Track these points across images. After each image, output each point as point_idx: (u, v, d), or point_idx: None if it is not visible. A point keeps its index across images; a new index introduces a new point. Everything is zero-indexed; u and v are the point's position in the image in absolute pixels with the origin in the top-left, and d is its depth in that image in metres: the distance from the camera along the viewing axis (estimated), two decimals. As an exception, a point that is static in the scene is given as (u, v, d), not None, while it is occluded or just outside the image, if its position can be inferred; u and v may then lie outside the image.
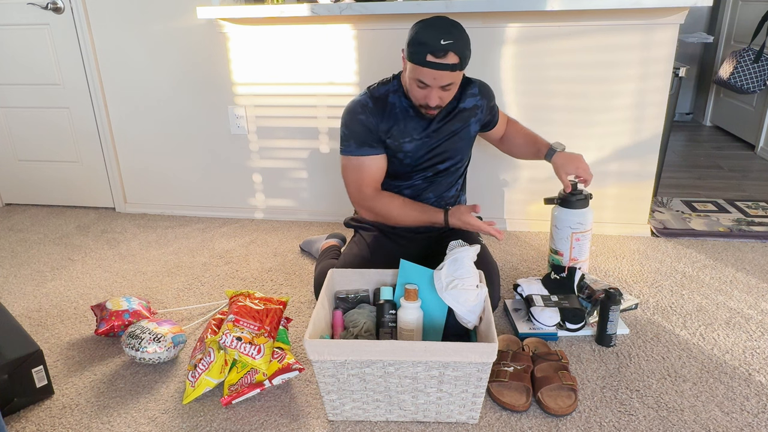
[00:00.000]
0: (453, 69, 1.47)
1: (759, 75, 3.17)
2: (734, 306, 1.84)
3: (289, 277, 2.11)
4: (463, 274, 1.40)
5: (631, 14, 2.11)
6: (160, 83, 2.57)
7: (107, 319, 1.69)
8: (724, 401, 1.40)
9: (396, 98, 1.66)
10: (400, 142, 1.67)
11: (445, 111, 1.69)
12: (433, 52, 1.44)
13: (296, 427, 1.35)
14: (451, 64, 1.46)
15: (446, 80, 1.49)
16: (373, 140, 1.66)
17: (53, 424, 1.39)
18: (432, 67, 1.46)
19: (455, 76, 1.50)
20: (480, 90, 1.75)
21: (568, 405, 1.36)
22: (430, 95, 1.52)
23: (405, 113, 1.66)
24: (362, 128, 1.64)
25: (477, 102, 1.74)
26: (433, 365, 1.25)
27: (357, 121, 1.64)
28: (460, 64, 1.48)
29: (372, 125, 1.64)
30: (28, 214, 2.85)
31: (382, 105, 1.65)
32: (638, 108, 2.25)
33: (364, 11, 2.15)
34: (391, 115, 1.65)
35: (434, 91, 1.52)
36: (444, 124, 1.70)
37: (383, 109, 1.65)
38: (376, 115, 1.64)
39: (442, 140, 1.70)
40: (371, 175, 1.70)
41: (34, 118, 2.77)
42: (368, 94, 1.67)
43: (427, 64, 1.46)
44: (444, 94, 1.54)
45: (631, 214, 2.41)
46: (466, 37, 1.49)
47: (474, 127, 1.76)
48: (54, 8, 2.53)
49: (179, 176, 2.74)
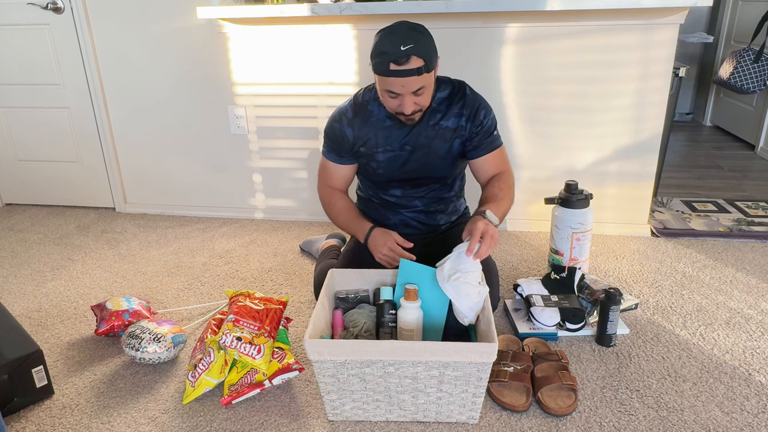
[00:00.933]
0: (419, 73, 1.42)
1: (759, 75, 3.17)
2: (734, 306, 1.84)
3: (289, 277, 2.11)
4: (467, 268, 1.39)
5: (631, 14, 2.11)
6: (160, 83, 2.58)
7: (107, 319, 1.69)
8: (724, 401, 1.40)
9: (375, 107, 1.63)
10: (373, 151, 1.65)
11: (424, 125, 1.62)
12: (395, 60, 1.40)
13: (296, 427, 1.35)
14: (416, 68, 1.41)
15: (415, 85, 1.44)
16: (342, 150, 1.68)
17: (53, 424, 1.39)
18: (397, 75, 1.41)
19: (423, 80, 1.45)
20: (471, 112, 1.62)
21: (568, 405, 1.36)
22: (403, 103, 1.48)
23: (381, 123, 1.63)
24: (334, 137, 1.67)
25: (461, 123, 1.62)
26: (433, 365, 1.25)
27: (332, 129, 1.67)
28: (426, 67, 1.43)
29: (345, 136, 1.65)
30: (28, 214, 2.85)
31: (362, 113, 1.64)
32: (638, 108, 2.25)
33: (364, 11, 2.16)
34: (368, 123, 1.64)
35: (406, 98, 1.47)
36: (420, 139, 1.63)
37: (363, 118, 1.64)
38: (354, 125, 1.64)
39: (419, 156, 1.65)
40: (331, 177, 1.76)
41: (34, 118, 2.77)
42: (352, 101, 1.66)
43: (392, 73, 1.42)
44: (418, 98, 1.49)
45: (631, 214, 2.41)
46: (429, 37, 1.45)
47: (458, 147, 1.65)
48: (54, 8, 2.53)
49: (179, 176, 2.74)
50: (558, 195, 1.95)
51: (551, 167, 2.39)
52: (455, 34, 2.24)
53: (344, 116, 1.65)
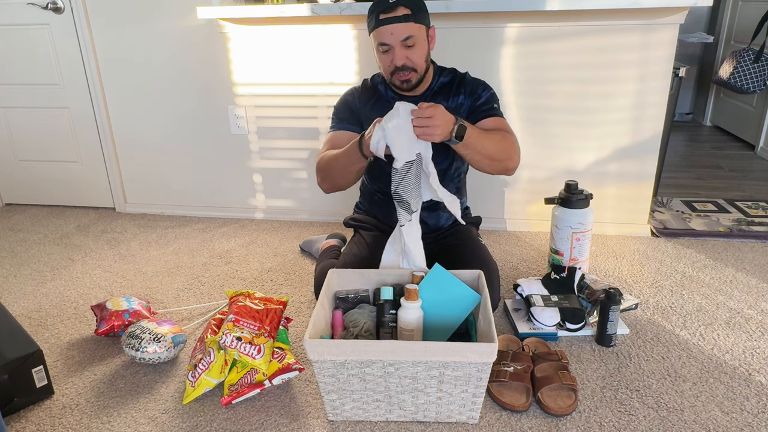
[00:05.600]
0: (406, 20, 1.52)
1: (759, 75, 3.17)
2: (734, 306, 1.84)
3: (289, 277, 2.11)
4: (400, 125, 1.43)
5: (631, 14, 2.11)
6: (160, 83, 2.57)
7: (107, 319, 1.69)
8: (724, 401, 1.40)
9: (383, 88, 1.74)
10: None
11: None
12: (383, 10, 1.52)
13: (296, 427, 1.35)
14: (403, 15, 1.51)
15: (403, 33, 1.52)
16: (352, 118, 1.75)
17: (53, 424, 1.39)
18: (385, 23, 1.52)
19: (412, 28, 1.53)
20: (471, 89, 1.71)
21: (568, 405, 1.36)
22: (394, 56, 1.56)
23: (388, 103, 1.67)
24: (345, 107, 1.76)
25: (460, 101, 1.72)
26: (433, 365, 1.25)
27: (343, 102, 1.77)
28: (413, 16, 1.53)
29: (355, 107, 1.75)
30: (28, 214, 2.85)
31: (371, 91, 1.75)
32: (638, 108, 2.25)
33: (364, 11, 2.13)
34: (376, 102, 1.73)
35: (397, 49, 1.55)
36: None
37: (371, 95, 1.74)
38: (362, 100, 1.75)
39: None
40: (334, 144, 1.71)
41: (34, 118, 2.77)
42: (364, 81, 1.79)
43: (380, 23, 1.53)
44: (409, 52, 1.56)
45: (631, 214, 2.41)
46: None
47: None
48: (54, 8, 2.53)
49: (179, 176, 2.74)
50: (558, 195, 1.95)
51: (551, 167, 2.39)
52: (455, 34, 2.24)
53: (355, 91, 1.78)
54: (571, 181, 1.92)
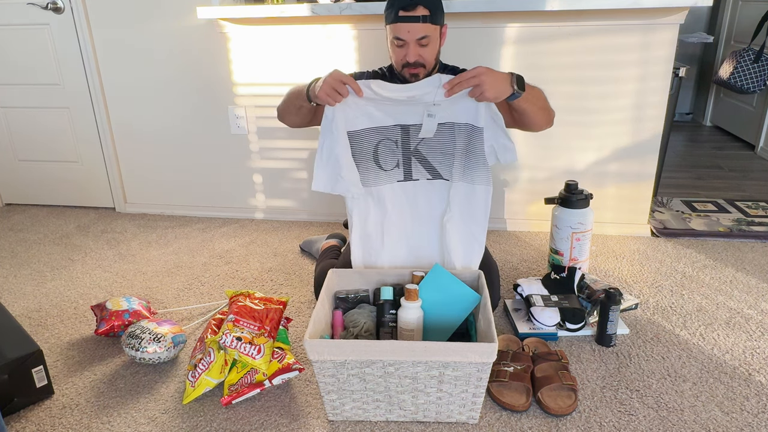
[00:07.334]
0: (424, 20, 1.54)
1: (759, 75, 3.17)
2: (734, 306, 1.84)
3: (289, 277, 2.11)
4: None
5: (631, 14, 2.11)
6: (160, 83, 2.57)
7: (107, 319, 1.69)
8: (724, 401, 1.40)
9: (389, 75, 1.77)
10: None
11: None
12: (403, 7, 1.54)
13: (296, 427, 1.35)
14: (422, 16, 1.53)
15: (419, 32, 1.55)
16: None
17: (53, 424, 1.39)
18: (404, 21, 1.54)
19: (427, 29, 1.56)
20: None
21: (568, 405, 1.36)
22: (408, 52, 1.59)
23: None
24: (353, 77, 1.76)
25: None
26: (433, 365, 1.25)
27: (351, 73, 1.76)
28: (432, 17, 1.55)
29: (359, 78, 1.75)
30: (28, 214, 2.85)
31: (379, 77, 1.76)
32: (638, 108, 2.25)
33: (364, 11, 2.16)
34: None
35: (411, 46, 1.57)
36: None
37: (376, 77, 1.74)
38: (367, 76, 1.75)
39: None
40: None
41: (34, 118, 2.77)
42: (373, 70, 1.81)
43: (399, 19, 1.55)
44: (422, 50, 1.59)
45: (631, 214, 2.41)
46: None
47: None
48: (54, 8, 2.53)
49: (179, 176, 2.74)
50: (558, 195, 1.95)
51: (551, 167, 2.39)
52: (455, 34, 2.24)
53: (361, 74, 1.78)
54: (571, 181, 1.92)
